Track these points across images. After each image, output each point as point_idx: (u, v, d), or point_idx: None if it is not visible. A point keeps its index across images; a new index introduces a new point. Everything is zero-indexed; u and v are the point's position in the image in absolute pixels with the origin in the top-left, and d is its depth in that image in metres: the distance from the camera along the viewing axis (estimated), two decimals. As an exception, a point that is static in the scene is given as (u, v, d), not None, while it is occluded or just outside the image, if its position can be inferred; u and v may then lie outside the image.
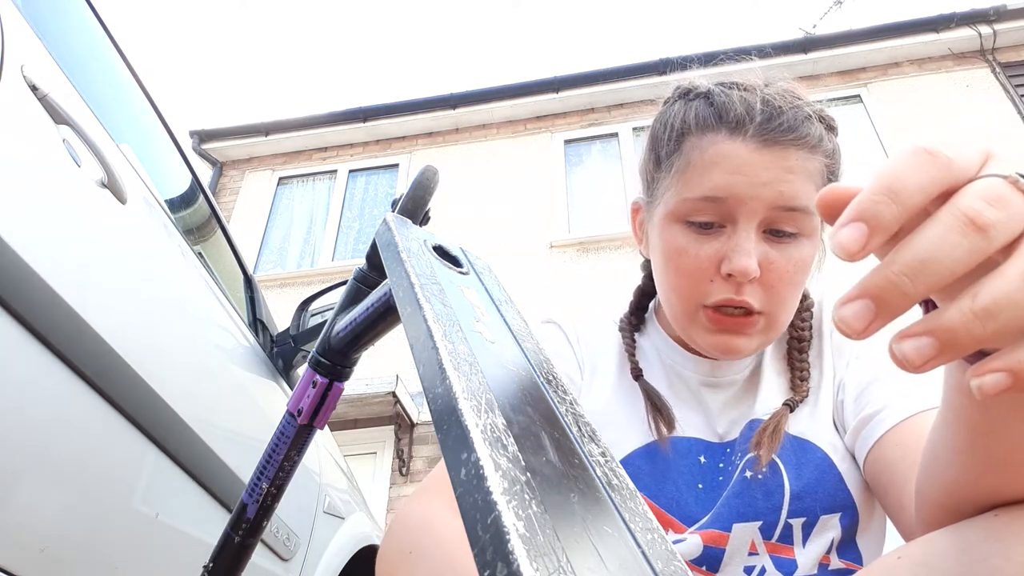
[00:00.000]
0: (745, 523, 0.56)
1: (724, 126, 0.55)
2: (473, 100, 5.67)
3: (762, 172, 0.53)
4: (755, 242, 0.53)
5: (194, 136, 5.78)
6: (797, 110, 0.55)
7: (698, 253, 0.55)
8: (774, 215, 0.53)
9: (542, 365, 0.32)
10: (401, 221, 0.43)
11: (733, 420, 0.62)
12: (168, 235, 1.00)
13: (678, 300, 0.58)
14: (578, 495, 0.21)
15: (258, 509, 0.55)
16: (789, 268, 0.54)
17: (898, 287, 0.21)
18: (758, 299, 0.54)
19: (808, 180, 0.54)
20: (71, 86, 0.81)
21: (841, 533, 0.56)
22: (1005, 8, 4.94)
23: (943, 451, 0.37)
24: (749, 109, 0.55)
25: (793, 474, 0.57)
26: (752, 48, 5.11)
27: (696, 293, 0.56)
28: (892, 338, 0.22)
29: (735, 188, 0.53)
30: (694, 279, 0.56)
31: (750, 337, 0.56)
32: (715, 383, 0.64)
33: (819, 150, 0.55)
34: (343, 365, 0.56)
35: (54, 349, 0.65)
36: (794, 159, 0.54)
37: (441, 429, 0.22)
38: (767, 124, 0.54)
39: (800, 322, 0.64)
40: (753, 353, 0.60)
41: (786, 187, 0.53)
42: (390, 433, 4.28)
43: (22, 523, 0.63)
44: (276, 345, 1.42)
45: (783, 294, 0.55)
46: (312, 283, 4.83)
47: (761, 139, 0.54)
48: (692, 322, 0.58)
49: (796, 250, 0.54)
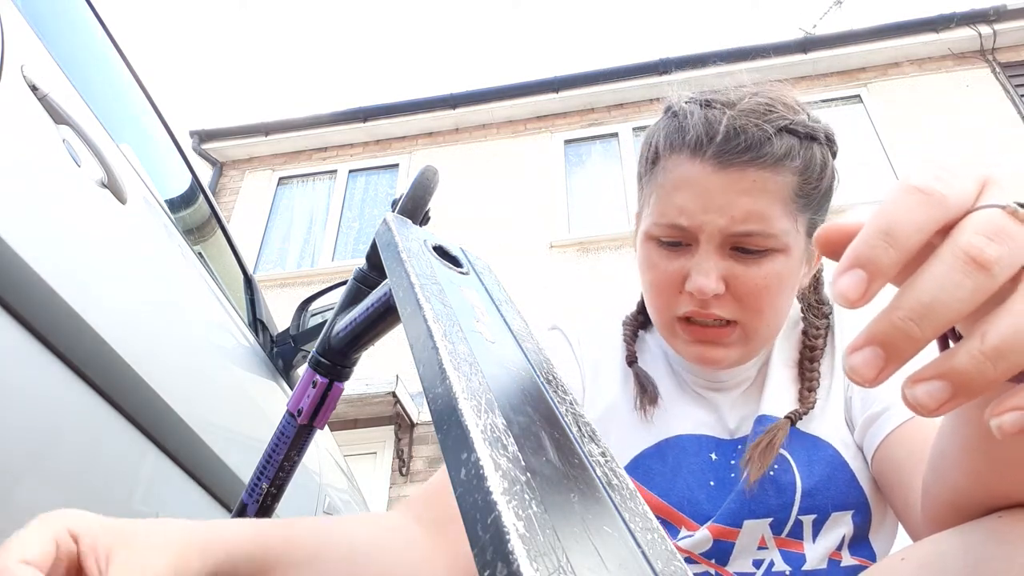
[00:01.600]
0: (756, 520, 0.56)
1: (686, 147, 0.57)
2: (473, 100, 5.67)
3: (717, 196, 0.54)
4: (716, 260, 0.55)
5: (194, 136, 5.78)
6: (762, 128, 0.54)
7: (666, 269, 0.58)
8: (733, 237, 0.55)
9: (542, 365, 0.32)
10: (401, 221, 0.43)
11: (744, 416, 0.63)
12: (168, 235, 1.00)
13: (655, 313, 0.61)
14: (578, 495, 0.21)
15: (258, 509, 0.55)
16: (758, 282, 0.55)
17: (905, 332, 0.21)
18: (728, 311, 0.56)
19: (769, 201, 0.54)
20: (71, 86, 0.81)
21: (853, 530, 0.56)
22: (1005, 8, 4.94)
23: (950, 451, 0.37)
24: (709, 129, 0.55)
25: (804, 471, 0.57)
26: (752, 48, 5.12)
27: (668, 306, 0.58)
28: (905, 382, 0.21)
29: (691, 214, 0.55)
30: (664, 293, 0.58)
31: (727, 348, 0.57)
32: (722, 386, 0.65)
33: (784, 167, 0.55)
34: (343, 365, 0.56)
35: (54, 349, 0.65)
36: (751, 179, 0.54)
37: (441, 429, 0.22)
38: (725, 145, 0.54)
39: (815, 330, 0.64)
40: (735, 364, 0.60)
41: (738, 211, 0.54)
42: (390, 433, 4.28)
43: (22, 523, 0.63)
44: (276, 345, 1.42)
45: (756, 306, 0.55)
46: (312, 283, 4.82)
47: (717, 161, 0.54)
48: (671, 334, 0.60)
49: (766, 265, 0.55)
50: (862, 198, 4.56)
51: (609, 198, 5.15)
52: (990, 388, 0.20)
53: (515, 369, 0.29)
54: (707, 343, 0.57)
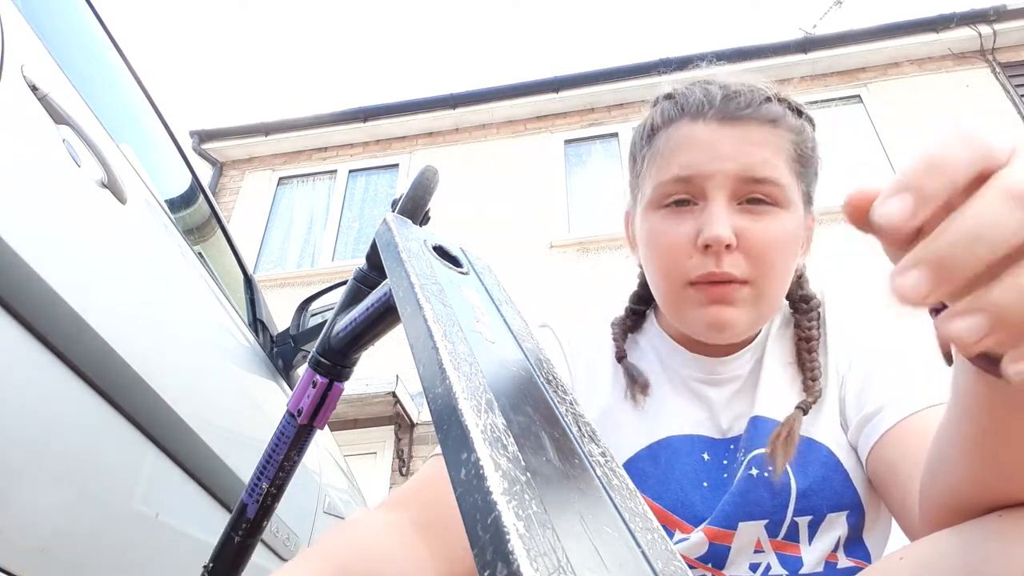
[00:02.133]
0: (751, 521, 0.56)
1: (686, 115, 0.59)
2: (473, 100, 5.67)
3: (724, 146, 0.56)
4: (727, 212, 0.55)
5: (194, 136, 5.78)
6: (755, 92, 0.58)
7: (676, 231, 0.57)
8: (742, 187, 0.55)
9: (542, 365, 0.32)
10: (401, 221, 0.43)
11: (737, 415, 0.62)
12: (168, 235, 1.00)
13: (664, 281, 0.59)
14: (578, 495, 0.21)
15: (258, 509, 0.55)
16: (767, 236, 0.55)
17: (954, 255, 0.20)
18: (740, 268, 0.55)
19: (773, 153, 0.56)
20: (71, 86, 0.81)
21: (848, 531, 0.56)
22: (1005, 8, 4.94)
23: (949, 451, 0.37)
24: (707, 95, 0.58)
25: (799, 473, 0.56)
26: (752, 48, 5.12)
27: (679, 271, 0.57)
28: (939, 319, 0.22)
29: (700, 164, 0.56)
30: (675, 257, 0.57)
31: (739, 308, 0.56)
32: (716, 380, 0.64)
33: (782, 125, 0.57)
34: (343, 365, 0.56)
35: (54, 349, 0.65)
36: (755, 133, 0.56)
37: (441, 429, 0.22)
38: (725, 105, 0.57)
39: (807, 322, 0.64)
40: (747, 330, 0.59)
41: (748, 158, 0.55)
42: (390, 433, 4.28)
43: (22, 523, 0.63)
44: (276, 345, 1.42)
45: (766, 262, 0.55)
46: (312, 283, 4.82)
47: (720, 118, 0.57)
48: (682, 301, 0.58)
49: (773, 220, 0.56)
50: (862, 198, 4.56)
51: (609, 198, 5.15)
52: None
53: (515, 369, 0.29)
54: (720, 303, 0.56)
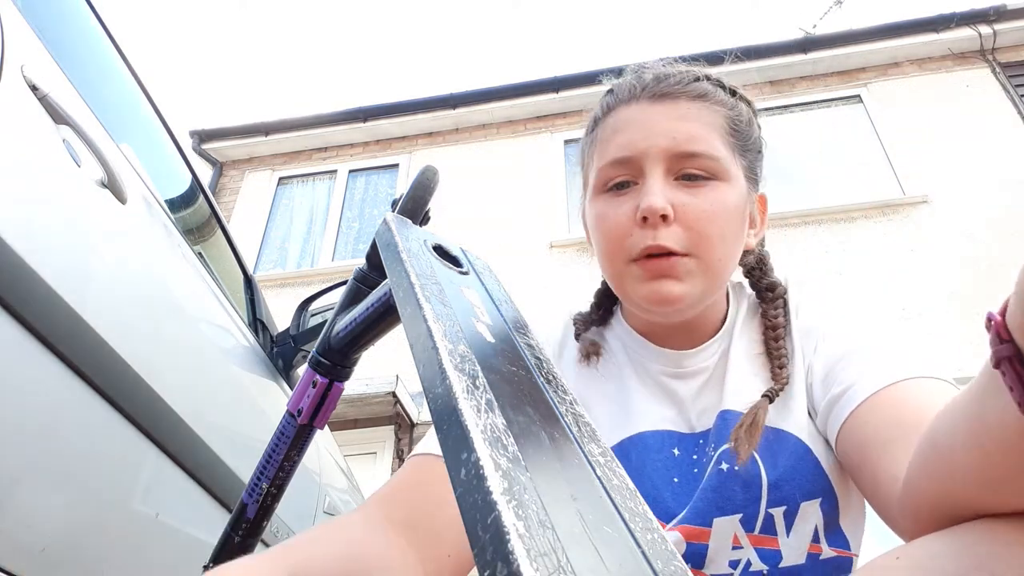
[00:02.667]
0: (725, 516, 0.56)
1: (621, 101, 0.62)
2: (473, 100, 5.66)
3: (655, 123, 0.58)
4: (663, 186, 0.56)
5: (194, 136, 5.78)
6: (686, 72, 0.61)
7: (616, 212, 0.58)
8: (677, 162, 0.57)
9: (542, 365, 0.32)
10: (401, 221, 0.43)
11: (705, 409, 0.62)
12: (168, 235, 1.00)
13: (609, 262, 0.60)
14: (578, 495, 0.21)
15: (258, 509, 0.55)
16: (705, 208, 0.56)
17: None
18: (679, 241, 0.56)
19: (706, 127, 0.58)
20: (71, 86, 0.81)
21: (824, 519, 0.56)
22: (1005, 8, 4.93)
23: (954, 451, 0.35)
24: (639, 80, 0.61)
25: (769, 463, 0.56)
26: (752, 48, 5.11)
27: (622, 250, 0.58)
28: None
29: (634, 143, 0.58)
30: (617, 237, 0.58)
31: (682, 281, 0.56)
32: (683, 373, 0.64)
33: (713, 100, 0.59)
34: (343, 365, 0.56)
35: (54, 349, 0.65)
36: (685, 108, 0.58)
37: (441, 429, 0.22)
38: (656, 85, 0.60)
39: (773, 310, 0.64)
40: (695, 303, 0.59)
41: (680, 133, 0.57)
42: (390, 433, 4.28)
43: (22, 523, 0.63)
44: (276, 345, 1.42)
45: (705, 233, 0.56)
46: (312, 283, 4.82)
47: (650, 97, 0.59)
48: (626, 279, 0.59)
49: (711, 192, 0.57)
50: (862, 198, 4.56)
51: (609, 198, 5.14)
52: None
53: (515, 369, 0.29)
54: (663, 277, 0.56)
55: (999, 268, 4.09)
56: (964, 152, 4.58)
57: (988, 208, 4.32)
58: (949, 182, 4.48)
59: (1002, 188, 4.38)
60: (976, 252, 4.18)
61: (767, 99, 5.19)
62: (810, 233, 4.51)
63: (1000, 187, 4.39)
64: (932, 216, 4.38)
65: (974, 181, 4.44)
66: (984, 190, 4.40)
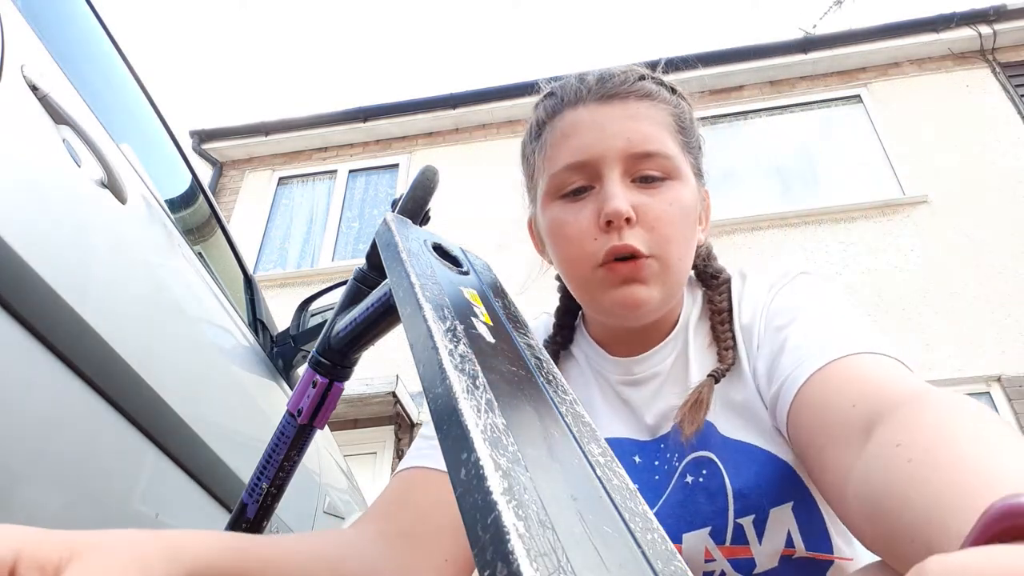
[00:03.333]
0: (694, 531, 0.55)
1: (567, 105, 0.61)
2: (473, 100, 5.66)
3: (608, 125, 0.57)
4: (623, 188, 0.56)
5: (194, 136, 5.77)
6: (629, 72, 0.60)
7: (577, 218, 0.57)
8: (634, 163, 0.56)
9: (542, 365, 0.32)
10: (401, 221, 0.43)
11: (662, 413, 0.61)
12: (168, 235, 1.00)
13: (573, 269, 0.59)
14: (578, 495, 0.21)
15: (258, 509, 0.55)
16: (665, 209, 0.56)
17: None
18: (642, 242, 0.55)
19: (657, 126, 0.58)
20: (71, 86, 0.81)
21: (798, 523, 0.54)
22: (1005, 8, 4.93)
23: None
24: (583, 82, 0.61)
25: (732, 472, 0.55)
26: (752, 48, 5.11)
27: (586, 256, 0.56)
28: None
29: (589, 147, 0.57)
30: (580, 243, 0.57)
31: (649, 285, 0.56)
32: (635, 380, 0.63)
33: (659, 99, 0.59)
34: (343, 365, 0.56)
35: (54, 349, 0.65)
36: (635, 108, 0.58)
37: (441, 429, 0.22)
38: (601, 86, 0.59)
39: (718, 296, 0.63)
40: (660, 306, 0.58)
41: (634, 133, 0.56)
42: (390, 433, 4.28)
43: (22, 523, 0.63)
44: (276, 345, 1.42)
45: (666, 233, 0.56)
46: (312, 283, 4.82)
47: (598, 99, 0.59)
48: (593, 285, 0.57)
49: (668, 192, 0.57)
50: (862, 198, 4.56)
51: (609, 198, 5.14)
52: None
53: (515, 369, 0.29)
54: (630, 281, 0.55)
55: (999, 268, 4.09)
56: (964, 152, 4.58)
57: (988, 208, 4.32)
58: (949, 182, 4.47)
59: (1002, 188, 4.38)
60: (976, 252, 4.18)
61: (767, 99, 5.20)
62: (810, 233, 4.51)
63: (1000, 187, 4.39)
64: (932, 216, 4.38)
65: (974, 181, 4.44)
66: (984, 190, 4.40)
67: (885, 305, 4.09)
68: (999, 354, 3.78)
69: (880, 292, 4.16)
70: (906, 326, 3.98)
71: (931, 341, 3.91)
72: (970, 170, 4.49)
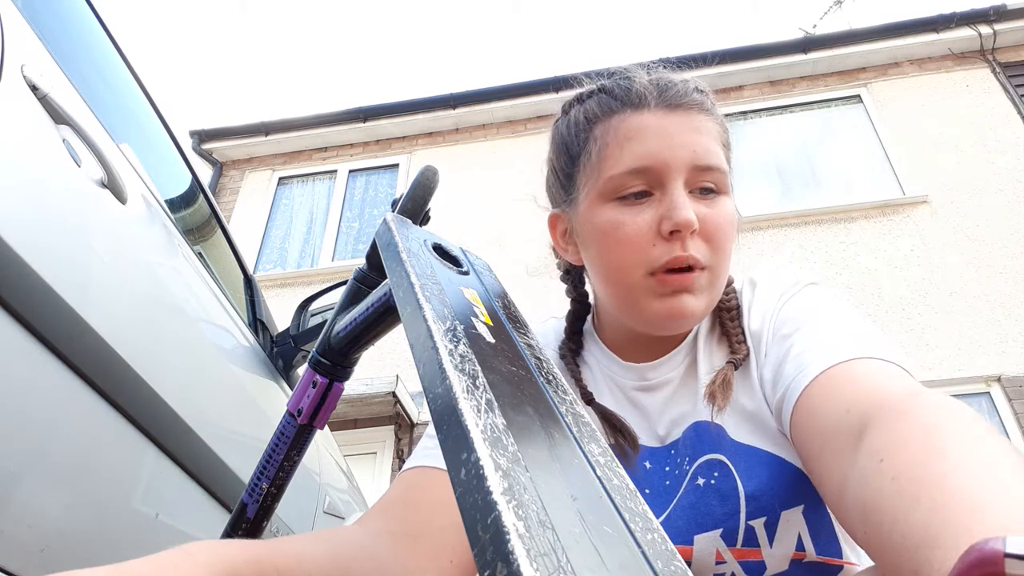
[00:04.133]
0: (705, 533, 0.55)
1: (628, 106, 0.59)
2: (473, 100, 5.66)
3: (676, 135, 0.57)
4: (687, 199, 0.56)
5: (194, 136, 5.77)
6: (686, 82, 0.60)
7: (636, 221, 0.56)
8: (695, 174, 0.56)
9: (542, 365, 0.32)
10: (401, 221, 0.43)
11: (673, 421, 0.61)
12: (168, 235, 1.00)
13: (623, 274, 0.57)
14: (578, 495, 0.21)
15: (258, 509, 0.55)
16: (721, 221, 0.57)
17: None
18: (701, 253, 0.56)
19: (715, 141, 0.58)
20: (71, 86, 0.81)
21: (808, 526, 0.55)
22: (1005, 8, 4.93)
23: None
24: (643, 86, 0.60)
25: (744, 475, 0.55)
26: (752, 48, 5.11)
27: (641, 261, 0.56)
28: None
29: (657, 154, 0.56)
30: (637, 247, 0.56)
31: (697, 296, 0.56)
32: (648, 386, 0.63)
33: (713, 113, 0.60)
34: (343, 365, 0.56)
35: (54, 349, 0.65)
36: (698, 120, 0.58)
37: (441, 429, 0.22)
38: (665, 94, 0.58)
39: (726, 296, 0.63)
40: (700, 316, 0.58)
41: (700, 147, 0.57)
42: (390, 433, 4.28)
43: (22, 523, 0.63)
44: (276, 345, 1.42)
45: (721, 245, 0.57)
46: (312, 283, 4.82)
47: (664, 107, 0.58)
48: (640, 293, 0.57)
49: (722, 205, 0.57)
50: (862, 198, 4.56)
51: (609, 198, 5.14)
52: None
53: (515, 369, 0.29)
54: (682, 292, 0.55)
55: (999, 268, 4.09)
56: (964, 152, 4.58)
57: (988, 208, 4.32)
58: (949, 182, 4.47)
59: (1002, 188, 4.38)
60: (976, 252, 4.18)
61: (767, 99, 5.19)
62: (810, 233, 4.51)
63: (1000, 187, 4.39)
64: (932, 216, 4.38)
65: (974, 181, 4.44)
66: (984, 190, 4.40)
67: (885, 305, 4.09)
68: (999, 354, 3.78)
69: (880, 292, 4.16)
70: (906, 326, 3.98)
71: (931, 341, 3.91)
72: (970, 170, 4.49)
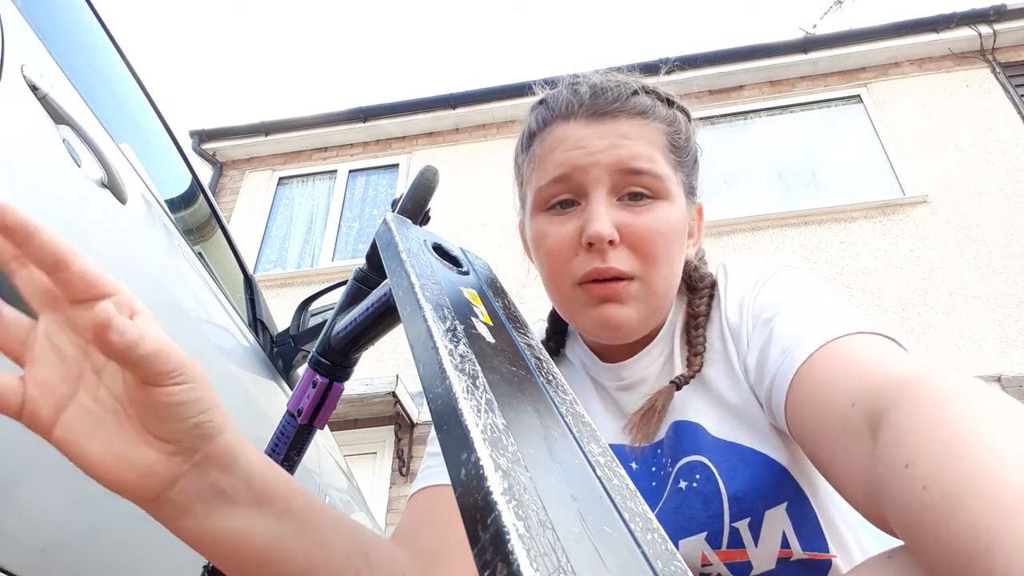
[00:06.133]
0: (690, 537, 0.55)
1: (558, 117, 0.60)
2: (473, 100, 5.66)
3: (596, 141, 0.56)
4: (607, 208, 0.55)
5: (194, 136, 5.77)
6: (623, 87, 0.59)
7: (559, 232, 0.57)
8: (621, 180, 0.56)
9: (542, 365, 0.32)
10: (401, 221, 0.43)
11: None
12: (168, 235, 1.00)
13: (555, 285, 0.59)
14: (579, 495, 0.21)
15: (258, 509, 0.55)
16: (650, 229, 0.55)
17: None
18: (626, 263, 0.55)
19: (647, 145, 0.57)
20: (71, 86, 0.81)
21: (792, 523, 0.54)
22: (1005, 8, 4.93)
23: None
24: (575, 95, 0.59)
25: (726, 476, 0.55)
26: (752, 48, 5.11)
27: (566, 271, 0.56)
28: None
29: (575, 161, 0.56)
30: (561, 258, 0.57)
31: (628, 306, 0.55)
32: (626, 385, 0.63)
33: (653, 117, 0.58)
34: (343, 365, 0.56)
35: (54, 349, 0.64)
36: (626, 126, 0.57)
37: (441, 429, 0.22)
38: (593, 102, 0.58)
39: (697, 299, 0.63)
40: (640, 327, 0.57)
41: (622, 151, 0.56)
42: (390, 433, 4.28)
43: (22, 523, 0.63)
44: (276, 345, 1.42)
45: (651, 255, 0.55)
46: (312, 283, 4.82)
47: (589, 115, 0.58)
48: (571, 303, 0.58)
49: (654, 212, 0.56)
50: (862, 198, 4.56)
51: (609, 198, 5.14)
52: None
53: (515, 368, 0.29)
54: (609, 302, 0.55)
55: (999, 268, 4.09)
56: (964, 152, 4.58)
57: (988, 208, 4.32)
58: (949, 182, 4.47)
59: (1002, 188, 4.38)
60: (976, 252, 4.18)
61: (767, 99, 5.19)
62: (810, 233, 4.51)
63: (1000, 187, 4.39)
64: (932, 216, 4.38)
65: (974, 181, 4.44)
66: (984, 190, 4.40)
67: (885, 305, 4.09)
68: (999, 354, 3.78)
69: (880, 292, 4.16)
70: (906, 326, 3.98)
71: (931, 341, 3.91)
72: (970, 170, 4.49)
